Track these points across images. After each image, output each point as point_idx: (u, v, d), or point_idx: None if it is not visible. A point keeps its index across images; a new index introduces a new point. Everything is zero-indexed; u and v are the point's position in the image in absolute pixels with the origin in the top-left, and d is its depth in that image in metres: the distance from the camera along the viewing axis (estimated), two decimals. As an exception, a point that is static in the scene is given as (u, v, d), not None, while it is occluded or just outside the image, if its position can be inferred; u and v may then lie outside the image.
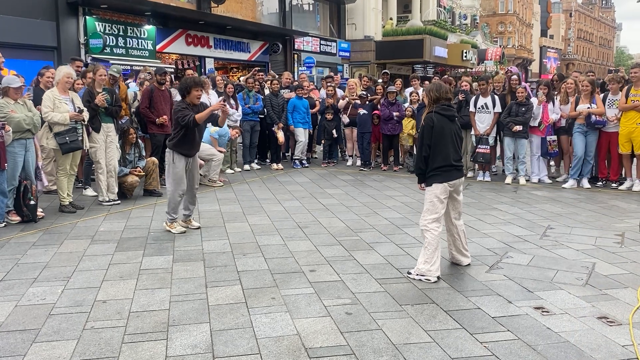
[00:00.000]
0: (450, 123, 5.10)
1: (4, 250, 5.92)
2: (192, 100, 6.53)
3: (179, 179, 6.57)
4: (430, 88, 5.21)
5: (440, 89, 5.13)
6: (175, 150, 6.52)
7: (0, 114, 6.76)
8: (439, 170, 5.05)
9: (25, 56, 13.22)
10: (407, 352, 3.60)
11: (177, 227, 6.69)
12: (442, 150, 5.04)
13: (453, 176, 5.11)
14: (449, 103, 5.19)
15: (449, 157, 5.05)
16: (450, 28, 36.17)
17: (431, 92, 5.15)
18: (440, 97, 5.11)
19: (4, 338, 3.81)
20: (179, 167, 6.55)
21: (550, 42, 72.96)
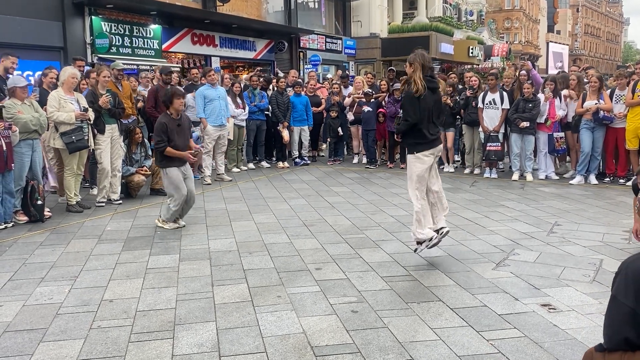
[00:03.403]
0: (432, 94, 5.31)
1: (12, 250, 5.95)
2: (175, 109, 6.76)
3: (177, 185, 6.69)
4: (415, 56, 5.32)
5: (424, 57, 5.31)
6: (166, 166, 6.72)
7: (8, 114, 6.80)
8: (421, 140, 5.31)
9: (31, 57, 13.26)
10: (414, 350, 3.60)
11: (170, 224, 6.81)
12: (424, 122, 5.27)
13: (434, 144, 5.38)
14: (431, 73, 5.40)
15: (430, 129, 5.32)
16: (457, 24, 36.04)
17: (417, 59, 5.27)
18: (424, 65, 5.27)
19: (12, 337, 3.83)
20: (174, 174, 6.69)
21: (557, 37, 72.57)
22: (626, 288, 2.07)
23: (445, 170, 11.11)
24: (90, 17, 15.05)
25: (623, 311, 2.08)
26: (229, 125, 10.41)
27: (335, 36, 26.86)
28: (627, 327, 2.06)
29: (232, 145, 10.95)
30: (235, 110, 10.70)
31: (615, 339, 2.12)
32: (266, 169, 11.66)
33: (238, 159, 11.37)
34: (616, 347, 2.14)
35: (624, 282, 2.09)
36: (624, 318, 2.07)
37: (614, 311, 2.13)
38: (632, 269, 2.09)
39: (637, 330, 2.04)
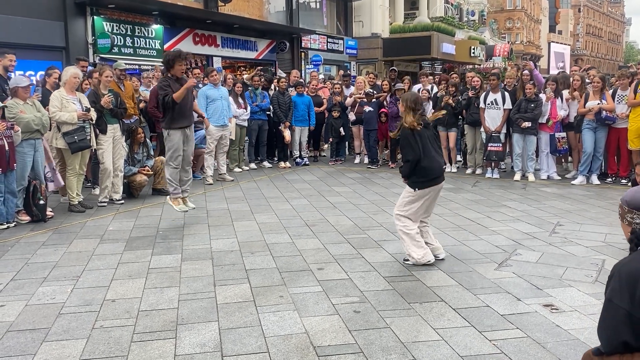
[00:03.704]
0: (425, 130, 5.35)
1: (14, 249, 5.96)
2: (175, 73, 6.72)
3: (176, 149, 6.76)
4: (407, 97, 5.43)
5: (416, 100, 5.39)
6: (170, 127, 6.74)
7: (10, 114, 6.81)
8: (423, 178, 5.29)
9: (33, 57, 13.28)
10: (416, 350, 3.59)
11: (180, 203, 6.89)
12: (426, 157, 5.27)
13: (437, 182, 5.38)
14: (422, 112, 5.45)
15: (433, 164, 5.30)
16: (458, 24, 36.01)
17: (408, 101, 5.36)
18: (415, 108, 5.32)
19: (15, 337, 3.84)
20: (175, 138, 6.75)
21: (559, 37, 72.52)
22: (621, 291, 2.10)
23: (447, 170, 11.09)
24: (92, 17, 15.05)
25: (619, 314, 2.10)
26: (231, 125, 10.42)
27: (337, 36, 26.84)
28: (625, 329, 2.09)
29: (233, 145, 10.95)
30: (237, 110, 10.70)
31: (613, 342, 2.14)
32: (268, 169, 11.66)
33: (240, 159, 11.38)
34: (614, 351, 2.16)
35: (618, 284, 2.12)
36: (620, 321, 2.10)
37: (610, 314, 2.16)
38: (625, 272, 2.13)
39: (634, 332, 2.07)
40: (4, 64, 7.63)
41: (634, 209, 2.28)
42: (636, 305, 2.07)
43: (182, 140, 6.81)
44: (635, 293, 2.07)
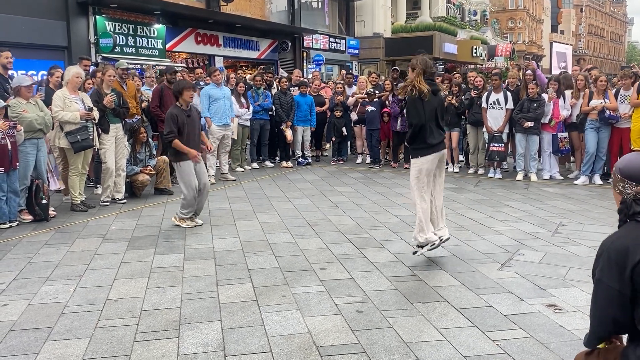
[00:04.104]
0: (434, 97, 5.32)
1: (17, 249, 5.96)
2: (184, 101, 6.78)
3: (189, 178, 6.68)
4: (417, 60, 5.34)
5: (426, 62, 5.34)
6: (180, 159, 6.73)
7: (13, 113, 6.81)
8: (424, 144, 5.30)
9: (36, 56, 13.30)
10: (419, 351, 3.59)
11: (188, 222, 6.78)
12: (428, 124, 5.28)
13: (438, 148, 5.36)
14: (432, 77, 5.42)
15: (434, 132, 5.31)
16: (460, 24, 36.00)
17: (419, 63, 5.30)
18: (425, 70, 5.29)
19: (17, 337, 3.84)
20: (186, 169, 6.70)
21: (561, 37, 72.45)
22: (610, 269, 2.13)
23: (450, 170, 11.08)
24: (94, 17, 15.06)
25: (609, 293, 2.10)
26: (233, 125, 10.42)
27: (339, 36, 26.84)
28: (615, 308, 2.09)
29: (236, 145, 10.95)
30: (239, 110, 10.70)
31: (604, 321, 2.15)
32: (270, 168, 11.66)
33: (242, 158, 11.38)
34: (605, 330, 2.18)
35: (607, 263, 2.12)
36: (611, 300, 2.10)
37: (600, 294, 2.16)
38: (613, 250, 2.12)
39: (623, 310, 2.08)
40: (1, 62, 7.63)
41: (626, 177, 2.21)
42: (626, 283, 2.05)
43: (194, 169, 6.77)
44: (625, 271, 2.05)
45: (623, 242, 2.09)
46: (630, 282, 2.03)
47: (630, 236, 2.09)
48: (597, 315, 2.19)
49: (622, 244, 2.08)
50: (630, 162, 2.22)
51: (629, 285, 2.04)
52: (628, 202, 2.17)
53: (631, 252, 2.04)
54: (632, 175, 2.18)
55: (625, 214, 2.18)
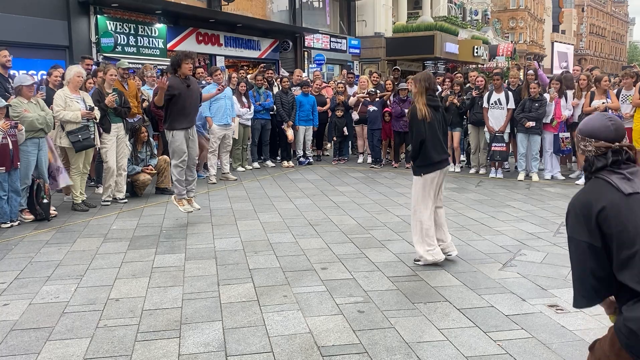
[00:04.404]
0: (435, 113, 5.32)
1: (18, 248, 5.96)
2: (183, 72, 6.74)
3: (179, 150, 6.73)
4: (420, 78, 5.37)
5: (430, 79, 5.36)
6: (173, 128, 6.70)
7: (14, 113, 6.81)
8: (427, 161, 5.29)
9: (37, 55, 13.29)
10: (420, 351, 3.58)
11: (185, 204, 6.84)
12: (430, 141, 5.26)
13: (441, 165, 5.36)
14: (434, 94, 5.43)
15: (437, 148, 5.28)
16: (461, 24, 35.94)
17: (422, 81, 5.31)
18: (429, 87, 5.31)
19: (18, 336, 3.83)
20: (178, 139, 6.71)
21: (562, 37, 72.38)
22: (578, 224, 2.24)
23: (451, 170, 11.06)
24: (95, 16, 15.05)
25: (581, 248, 2.21)
26: (234, 124, 10.41)
27: (340, 35, 26.81)
28: (589, 261, 2.19)
29: (237, 145, 10.95)
30: (240, 110, 10.69)
31: (583, 277, 2.24)
32: (271, 168, 11.65)
33: (243, 158, 11.37)
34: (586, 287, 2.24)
35: (575, 219, 2.27)
36: (584, 254, 2.20)
37: (574, 251, 2.27)
38: (578, 205, 2.25)
39: (598, 262, 2.19)
40: (0, 61, 7.63)
41: (586, 136, 2.35)
42: (594, 234, 2.17)
43: (186, 140, 6.79)
44: (590, 222, 2.18)
45: (586, 197, 2.24)
46: (598, 231, 2.15)
47: (592, 190, 2.25)
48: (576, 273, 2.28)
49: (585, 198, 2.23)
50: (588, 121, 2.40)
51: (598, 235, 2.15)
52: (590, 159, 2.31)
53: (593, 204, 2.18)
54: (591, 133, 2.33)
55: (589, 172, 2.31)
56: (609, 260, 2.17)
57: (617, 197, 2.17)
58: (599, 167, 2.27)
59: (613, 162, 2.26)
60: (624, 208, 2.14)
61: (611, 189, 2.19)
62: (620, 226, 2.12)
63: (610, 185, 2.21)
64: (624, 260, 2.11)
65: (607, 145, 2.29)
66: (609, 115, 2.44)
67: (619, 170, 2.24)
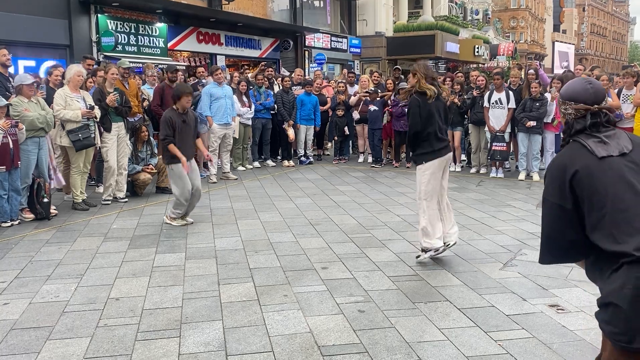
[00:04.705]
0: (436, 101, 5.33)
1: (18, 247, 5.95)
2: (182, 105, 6.78)
3: (183, 181, 6.69)
4: (418, 66, 5.39)
5: (427, 67, 5.39)
6: (171, 162, 6.70)
7: (14, 112, 6.81)
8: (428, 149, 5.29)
9: (38, 54, 13.30)
10: (421, 351, 3.58)
11: (179, 220, 6.82)
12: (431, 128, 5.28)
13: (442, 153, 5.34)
14: (433, 82, 5.41)
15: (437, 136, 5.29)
16: (462, 23, 35.93)
17: (420, 68, 5.33)
18: (427, 74, 5.32)
19: (18, 335, 3.83)
20: (177, 170, 6.70)
21: (563, 36, 72.34)
22: (552, 187, 2.33)
23: (452, 169, 11.05)
24: (96, 15, 15.06)
25: (553, 209, 2.29)
26: (235, 124, 10.41)
27: (341, 35, 26.81)
28: (560, 222, 2.29)
29: (237, 144, 10.94)
30: (241, 109, 10.69)
31: (552, 237, 2.33)
32: (271, 167, 11.65)
33: (243, 157, 11.36)
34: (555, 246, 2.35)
35: (549, 181, 2.35)
36: (555, 215, 2.28)
37: (546, 212, 2.36)
38: (553, 168, 2.35)
39: (568, 223, 2.28)
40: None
41: (566, 99, 2.43)
42: (566, 196, 2.26)
43: (188, 172, 6.77)
44: (564, 185, 2.26)
45: (561, 160, 2.32)
46: (571, 194, 2.24)
47: (567, 154, 2.33)
48: (545, 232, 2.38)
49: (561, 162, 2.31)
50: (569, 85, 2.47)
51: (570, 198, 2.24)
52: (570, 122, 2.39)
53: (568, 167, 2.26)
54: (571, 96, 2.41)
55: (568, 134, 2.39)
56: (581, 223, 2.24)
57: (590, 161, 2.23)
58: (578, 130, 2.34)
59: (592, 125, 2.32)
60: (597, 171, 2.20)
61: (585, 153, 2.26)
62: (592, 189, 2.19)
63: (585, 148, 2.27)
64: (594, 222, 2.19)
65: (586, 108, 2.35)
66: (589, 79, 2.49)
67: (596, 134, 2.30)
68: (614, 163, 2.21)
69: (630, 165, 2.21)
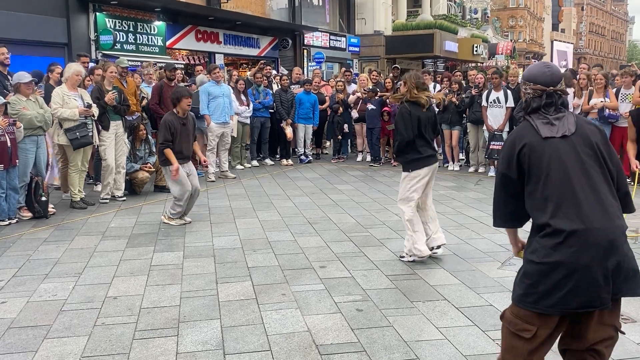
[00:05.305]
0: (425, 112, 5.34)
1: (16, 246, 5.95)
2: (181, 108, 6.77)
3: (182, 183, 6.68)
4: (409, 76, 5.41)
5: (419, 77, 5.40)
6: (169, 164, 6.67)
7: (12, 110, 6.79)
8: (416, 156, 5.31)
9: (36, 53, 13.26)
10: (419, 349, 3.58)
11: (177, 220, 6.81)
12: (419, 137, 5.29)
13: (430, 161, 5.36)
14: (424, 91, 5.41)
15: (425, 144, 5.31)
16: (461, 22, 35.94)
17: (411, 78, 5.35)
18: (417, 86, 5.32)
19: (16, 334, 3.83)
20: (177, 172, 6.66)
21: (562, 36, 72.38)
22: (504, 159, 2.62)
23: (450, 168, 11.09)
24: (94, 14, 15.04)
25: (501, 178, 2.65)
26: (233, 122, 10.40)
27: (340, 33, 26.80)
28: (505, 189, 2.64)
29: (236, 143, 10.93)
30: (239, 108, 10.68)
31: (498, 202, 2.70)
32: (270, 166, 11.64)
33: (242, 156, 11.36)
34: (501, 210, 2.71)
35: (503, 155, 2.65)
36: (502, 183, 2.65)
37: (497, 181, 2.71)
38: (507, 143, 2.66)
39: (511, 191, 2.61)
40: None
41: (526, 80, 2.67)
42: (513, 168, 2.56)
43: (186, 172, 6.77)
44: (512, 158, 2.55)
45: (513, 137, 2.62)
46: (517, 167, 2.54)
47: (518, 131, 2.62)
48: (495, 198, 2.72)
49: (512, 138, 2.61)
50: (530, 68, 2.75)
51: (515, 170, 2.54)
52: (528, 101, 2.63)
53: (517, 143, 2.55)
54: (530, 77, 2.65)
55: (525, 112, 2.65)
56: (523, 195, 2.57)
57: (535, 139, 2.51)
58: (533, 108, 2.60)
59: (546, 105, 2.57)
60: (538, 149, 2.49)
61: (533, 132, 2.54)
62: (532, 164, 2.49)
63: (533, 128, 2.55)
64: (529, 193, 2.51)
65: (542, 89, 2.58)
66: (547, 63, 2.77)
67: (545, 115, 2.56)
68: (554, 144, 2.48)
69: (567, 148, 2.47)
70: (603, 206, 2.39)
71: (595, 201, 2.38)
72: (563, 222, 2.37)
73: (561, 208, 2.39)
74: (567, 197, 2.40)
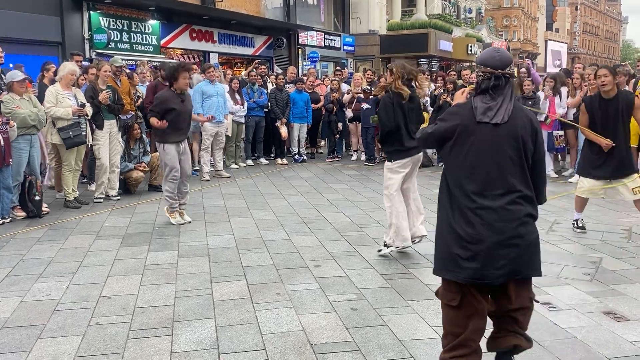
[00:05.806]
0: (409, 102, 5.36)
1: (9, 245, 5.92)
2: (180, 87, 6.61)
3: (172, 163, 6.65)
4: (395, 66, 5.44)
5: (405, 68, 5.41)
6: (164, 141, 6.63)
7: (6, 109, 6.76)
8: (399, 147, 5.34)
9: (29, 51, 13.21)
10: (413, 348, 3.58)
11: (177, 217, 6.78)
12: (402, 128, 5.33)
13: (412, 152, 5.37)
14: (410, 83, 5.45)
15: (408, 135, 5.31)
16: (455, 22, 36.02)
17: (398, 69, 5.37)
18: (403, 76, 5.34)
19: (9, 334, 3.81)
20: (170, 153, 6.65)
21: (556, 35, 72.56)
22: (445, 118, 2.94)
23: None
24: (88, 12, 14.99)
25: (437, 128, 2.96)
26: (227, 121, 10.38)
27: (334, 33, 26.81)
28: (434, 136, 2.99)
29: (230, 142, 10.92)
30: (233, 107, 10.67)
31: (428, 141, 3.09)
32: (264, 165, 11.64)
33: (236, 155, 11.34)
34: (425, 144, 3.23)
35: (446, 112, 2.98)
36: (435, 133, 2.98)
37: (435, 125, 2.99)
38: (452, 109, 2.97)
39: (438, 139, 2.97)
40: None
41: (479, 64, 2.93)
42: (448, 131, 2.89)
43: (178, 154, 6.72)
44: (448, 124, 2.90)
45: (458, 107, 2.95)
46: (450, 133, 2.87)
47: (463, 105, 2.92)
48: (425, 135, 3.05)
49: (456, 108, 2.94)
50: (482, 52, 2.99)
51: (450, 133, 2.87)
52: (479, 82, 2.89)
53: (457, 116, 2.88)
54: (481, 61, 2.92)
55: (475, 91, 2.90)
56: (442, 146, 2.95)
57: (470, 120, 2.83)
58: (482, 89, 2.85)
59: (494, 86, 2.83)
60: (470, 130, 2.81)
61: (471, 113, 2.83)
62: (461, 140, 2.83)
63: (471, 110, 2.84)
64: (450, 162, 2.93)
65: (491, 71, 2.84)
66: (497, 48, 2.99)
67: (488, 99, 2.83)
68: (484, 129, 2.80)
69: (494, 135, 2.78)
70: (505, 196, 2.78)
71: (500, 188, 2.78)
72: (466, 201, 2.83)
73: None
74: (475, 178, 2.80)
